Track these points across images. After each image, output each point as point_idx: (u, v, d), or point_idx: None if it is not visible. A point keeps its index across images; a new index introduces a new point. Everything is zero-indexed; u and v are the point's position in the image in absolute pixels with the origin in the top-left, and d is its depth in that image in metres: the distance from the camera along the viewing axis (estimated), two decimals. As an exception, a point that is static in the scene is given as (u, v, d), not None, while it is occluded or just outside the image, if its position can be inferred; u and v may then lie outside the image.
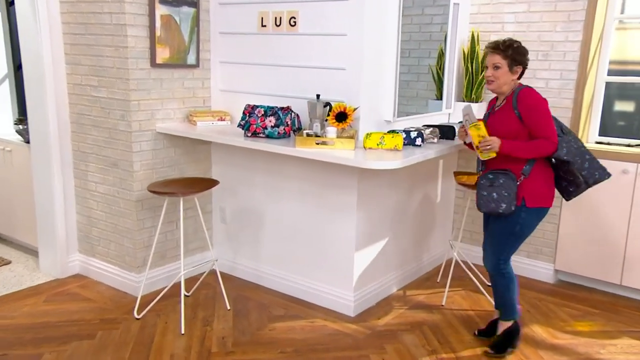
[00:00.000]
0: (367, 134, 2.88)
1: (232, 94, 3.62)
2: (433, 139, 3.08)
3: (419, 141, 2.98)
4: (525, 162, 2.66)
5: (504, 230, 2.72)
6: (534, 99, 2.63)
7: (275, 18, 3.32)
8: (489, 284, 3.73)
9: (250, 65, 3.49)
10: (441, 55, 3.78)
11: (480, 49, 3.79)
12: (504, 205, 2.60)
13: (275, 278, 3.56)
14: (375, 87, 3.15)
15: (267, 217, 3.54)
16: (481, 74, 3.74)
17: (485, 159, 2.68)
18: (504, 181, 2.62)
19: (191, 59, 3.47)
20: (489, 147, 2.61)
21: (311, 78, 3.23)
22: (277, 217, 3.49)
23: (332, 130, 2.91)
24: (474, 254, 4.08)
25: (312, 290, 3.39)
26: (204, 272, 3.55)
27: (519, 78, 2.73)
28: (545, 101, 2.64)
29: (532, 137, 2.64)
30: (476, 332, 3.03)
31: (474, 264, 3.99)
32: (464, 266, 3.65)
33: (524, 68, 2.71)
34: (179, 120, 3.51)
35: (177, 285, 3.41)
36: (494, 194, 2.62)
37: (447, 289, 3.49)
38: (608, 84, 3.64)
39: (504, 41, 2.70)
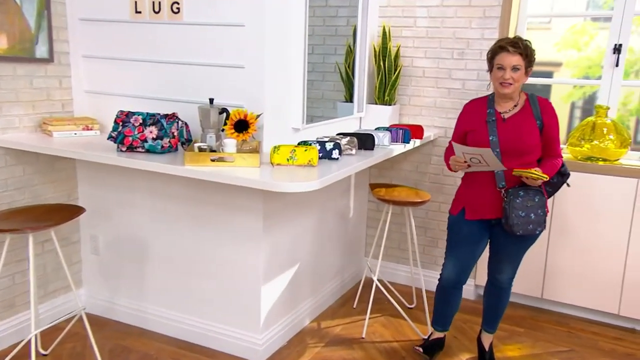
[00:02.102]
0: (275, 147, 2.35)
1: (100, 97, 2.90)
2: (351, 150, 2.63)
3: (335, 154, 2.50)
4: None
5: (527, 247, 2.57)
6: (554, 110, 2.45)
7: (153, 3, 2.67)
8: (410, 306, 3.39)
9: (124, 61, 2.80)
10: (349, 52, 3.35)
11: (392, 45, 3.42)
12: (540, 228, 2.41)
13: (165, 320, 2.91)
14: (281, 88, 2.63)
15: (153, 247, 2.88)
16: (395, 72, 3.36)
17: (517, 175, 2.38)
18: (539, 199, 2.38)
19: (41, 51, 2.71)
20: (539, 180, 2.33)
21: (202, 78, 2.63)
22: (166, 246, 2.84)
23: (230, 143, 2.34)
24: (391, 271, 3.73)
25: (211, 333, 2.80)
26: (74, 318, 2.81)
27: None
28: None
29: (545, 152, 2.45)
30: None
31: (389, 282, 3.63)
32: (381, 287, 3.26)
33: None
34: (27, 130, 2.73)
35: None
36: (532, 215, 2.37)
37: (367, 316, 3.07)
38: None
39: (521, 39, 2.38)
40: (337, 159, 2.51)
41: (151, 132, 2.47)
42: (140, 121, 2.49)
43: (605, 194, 3.07)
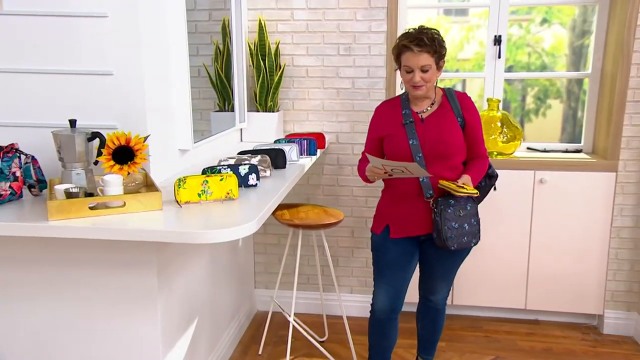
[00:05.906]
0: (180, 180, 1.72)
1: None
2: (265, 171, 2.10)
3: (253, 179, 1.95)
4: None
5: (460, 262, 2.32)
6: (475, 105, 2.21)
7: (-47, -18, 1.81)
8: (322, 339, 2.96)
9: None
10: (219, 53, 2.79)
11: (271, 42, 2.94)
12: (475, 240, 2.16)
13: None
14: (163, 99, 1.99)
15: (-17, 339, 1.99)
16: (277, 73, 2.89)
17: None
18: (471, 207, 2.13)
19: None
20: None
21: (52, 91, 1.86)
22: (12, 328, 1.98)
23: (114, 181, 1.64)
24: (289, 301, 3.23)
25: None
26: None
27: None
28: None
29: (469, 153, 2.20)
30: None
31: (295, 314, 3.15)
32: (296, 325, 2.77)
33: None
34: None
35: None
36: (465, 225, 2.10)
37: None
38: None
39: (425, 32, 2.02)
40: (256, 185, 1.96)
41: (-23, 175, 1.64)
42: (-45, 160, 1.65)
43: (505, 188, 3.00)
